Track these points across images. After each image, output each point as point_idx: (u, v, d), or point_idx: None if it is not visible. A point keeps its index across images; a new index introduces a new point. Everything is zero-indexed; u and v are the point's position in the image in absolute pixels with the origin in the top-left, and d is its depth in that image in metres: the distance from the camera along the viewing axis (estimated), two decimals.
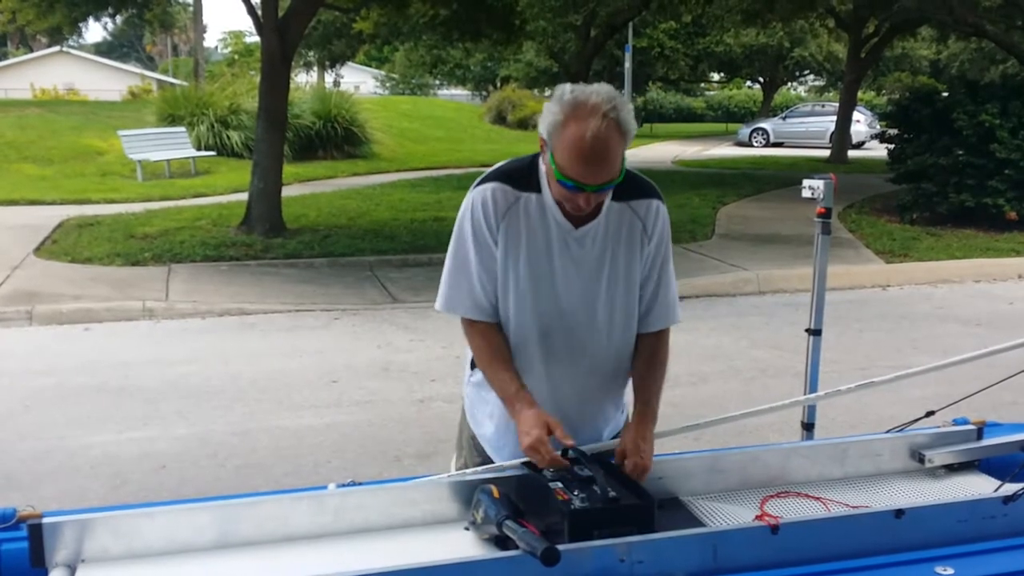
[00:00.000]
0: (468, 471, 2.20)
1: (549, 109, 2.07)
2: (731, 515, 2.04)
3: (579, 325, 2.27)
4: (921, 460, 2.30)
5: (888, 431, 2.43)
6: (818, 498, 2.15)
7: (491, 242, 2.20)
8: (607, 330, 2.29)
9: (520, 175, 2.22)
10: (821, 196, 3.29)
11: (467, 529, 1.94)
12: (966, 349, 2.40)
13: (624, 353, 2.34)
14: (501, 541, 1.81)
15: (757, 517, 2.00)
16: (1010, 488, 2.03)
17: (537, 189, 2.20)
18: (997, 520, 1.97)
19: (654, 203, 2.26)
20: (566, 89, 2.07)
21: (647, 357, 2.35)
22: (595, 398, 2.37)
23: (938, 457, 2.31)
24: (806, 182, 3.31)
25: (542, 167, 2.19)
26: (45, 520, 1.78)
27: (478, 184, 2.23)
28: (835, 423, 5.20)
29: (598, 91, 2.04)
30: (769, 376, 6.31)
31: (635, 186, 2.24)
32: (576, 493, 1.91)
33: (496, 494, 1.86)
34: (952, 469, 2.32)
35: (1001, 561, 1.87)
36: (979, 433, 2.39)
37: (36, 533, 1.77)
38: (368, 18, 15.13)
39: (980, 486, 2.22)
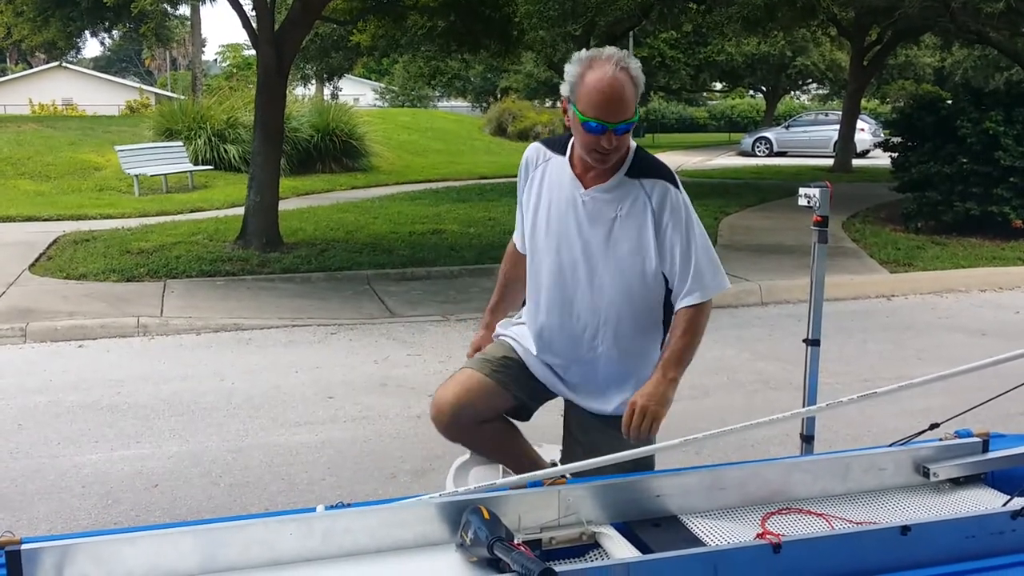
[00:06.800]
0: (459, 490, 2.13)
1: (568, 71, 2.43)
2: (731, 533, 1.98)
3: (575, 277, 2.60)
4: (926, 474, 2.24)
5: (891, 444, 2.36)
6: (821, 514, 2.08)
7: (521, 188, 2.73)
8: (592, 285, 2.59)
9: (556, 142, 2.69)
10: (817, 204, 3.24)
11: (459, 546, 1.88)
12: (972, 359, 2.34)
13: (613, 317, 2.59)
14: (493, 563, 1.75)
15: (758, 535, 1.93)
16: (1019, 502, 1.96)
17: (563, 152, 2.63)
18: (1006, 536, 1.91)
19: (660, 184, 2.53)
20: (580, 52, 2.45)
21: (672, 329, 2.61)
22: (585, 357, 2.66)
23: (943, 471, 2.24)
24: (802, 190, 3.27)
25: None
26: (24, 546, 1.72)
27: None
28: (838, 436, 5.13)
29: (608, 49, 2.42)
30: (771, 388, 6.24)
31: (648, 166, 2.56)
32: None
33: (486, 515, 1.80)
34: (958, 483, 2.26)
35: None
36: (984, 445, 2.33)
37: (14, 560, 1.70)
38: (366, 30, 15.15)
39: (987, 500, 2.16)
